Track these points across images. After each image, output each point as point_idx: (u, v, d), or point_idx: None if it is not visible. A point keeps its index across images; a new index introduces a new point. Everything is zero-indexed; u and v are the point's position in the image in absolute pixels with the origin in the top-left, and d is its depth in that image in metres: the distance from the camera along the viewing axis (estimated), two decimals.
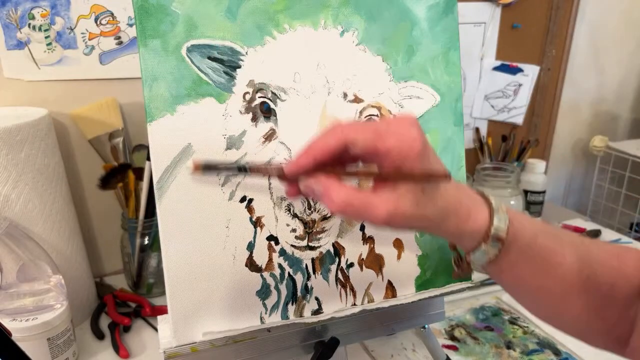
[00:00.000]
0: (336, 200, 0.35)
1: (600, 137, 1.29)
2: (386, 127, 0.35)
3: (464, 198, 0.40)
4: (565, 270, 0.41)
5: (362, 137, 0.35)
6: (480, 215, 0.40)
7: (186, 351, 0.48)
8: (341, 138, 0.35)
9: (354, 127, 0.35)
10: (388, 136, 0.34)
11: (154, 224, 0.80)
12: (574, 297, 0.41)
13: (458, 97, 0.56)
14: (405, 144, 0.35)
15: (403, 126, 0.35)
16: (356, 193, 0.35)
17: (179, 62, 0.45)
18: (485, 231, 0.39)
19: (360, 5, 0.51)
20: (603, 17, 1.24)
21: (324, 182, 0.36)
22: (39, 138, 0.67)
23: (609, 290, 0.41)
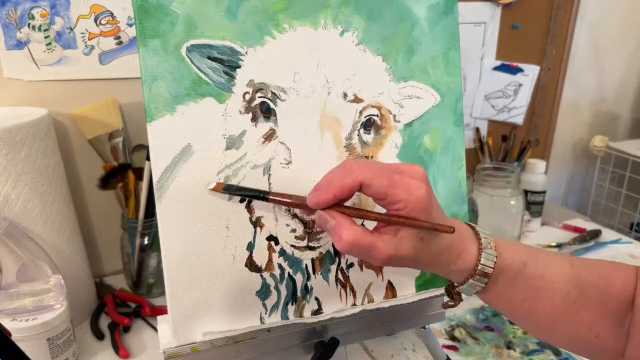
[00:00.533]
0: (345, 239, 0.38)
1: (600, 137, 1.29)
2: (400, 177, 0.38)
3: (457, 239, 0.43)
4: (554, 294, 0.44)
5: (377, 182, 0.38)
6: (469, 254, 0.43)
7: (186, 351, 0.47)
8: (358, 180, 0.38)
9: (371, 170, 0.38)
10: (400, 187, 0.38)
11: (153, 224, 0.80)
12: (564, 319, 0.44)
13: (458, 97, 0.56)
14: (413, 198, 0.38)
15: (414, 180, 0.39)
16: (363, 235, 0.39)
17: (179, 62, 0.45)
18: (473, 268, 0.43)
19: (360, 5, 0.51)
20: (603, 17, 1.24)
21: (338, 220, 0.39)
22: (38, 138, 0.67)
23: (599, 310, 0.43)
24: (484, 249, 0.43)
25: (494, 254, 0.43)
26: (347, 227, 0.39)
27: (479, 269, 0.42)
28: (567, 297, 0.43)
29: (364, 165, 0.39)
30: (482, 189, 0.90)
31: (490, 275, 0.43)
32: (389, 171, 0.39)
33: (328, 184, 0.39)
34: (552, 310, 0.44)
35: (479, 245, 0.43)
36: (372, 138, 0.53)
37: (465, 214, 0.58)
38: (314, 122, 0.50)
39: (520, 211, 0.89)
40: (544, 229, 1.12)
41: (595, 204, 1.35)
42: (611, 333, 0.43)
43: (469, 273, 0.43)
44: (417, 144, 0.55)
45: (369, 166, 0.39)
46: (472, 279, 0.43)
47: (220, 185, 0.45)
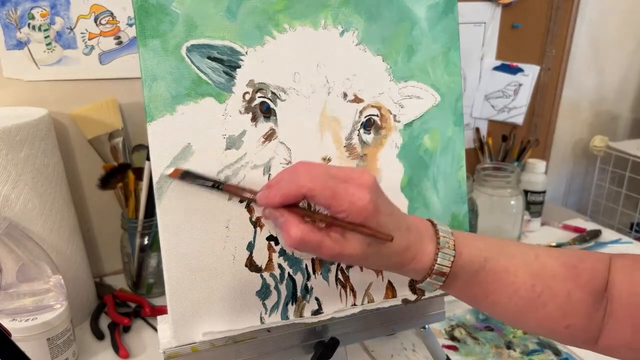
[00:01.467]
0: (293, 236, 0.39)
1: (600, 137, 1.29)
2: (344, 188, 0.39)
3: (413, 240, 0.43)
4: (517, 287, 0.44)
5: (320, 194, 0.39)
6: (425, 254, 0.43)
7: (186, 351, 0.47)
8: (301, 191, 0.39)
9: (315, 181, 0.39)
10: (343, 199, 0.39)
11: (153, 224, 0.80)
12: (531, 310, 0.44)
13: (458, 97, 0.56)
14: (355, 209, 0.39)
15: (359, 190, 0.39)
16: (310, 233, 0.39)
17: (179, 62, 0.45)
18: (430, 268, 0.43)
19: (360, 5, 0.51)
20: (603, 17, 1.24)
21: (286, 218, 0.40)
22: (38, 138, 0.67)
23: (566, 300, 0.43)
24: (441, 248, 0.43)
25: (451, 253, 0.43)
26: (296, 224, 0.40)
27: (435, 268, 0.43)
28: (532, 290, 0.44)
29: (309, 175, 0.39)
30: (482, 189, 0.90)
31: (448, 274, 0.43)
32: (334, 181, 0.39)
33: (276, 189, 0.40)
34: (517, 302, 0.44)
35: (437, 244, 0.43)
36: (372, 138, 0.53)
37: (465, 214, 0.58)
38: (314, 122, 0.50)
39: (520, 211, 0.89)
40: (544, 229, 1.12)
41: (595, 204, 1.35)
42: (582, 323, 0.43)
43: (427, 272, 0.44)
44: (417, 144, 0.55)
45: (313, 177, 0.39)
46: (429, 278, 0.44)
47: (178, 171, 0.44)
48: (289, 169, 0.42)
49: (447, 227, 0.45)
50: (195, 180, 0.45)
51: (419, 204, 0.55)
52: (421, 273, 0.44)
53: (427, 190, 0.56)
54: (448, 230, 0.45)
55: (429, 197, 0.56)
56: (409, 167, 0.55)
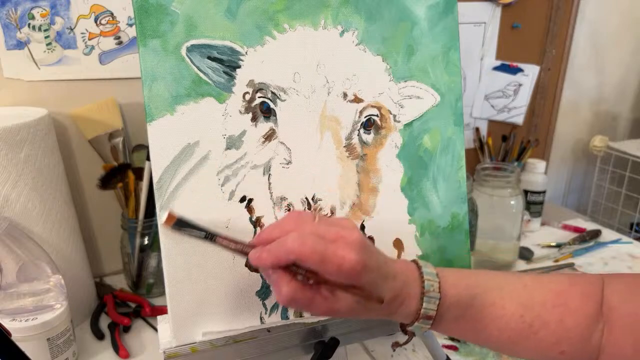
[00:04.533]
0: (284, 295, 0.40)
1: (600, 137, 1.29)
2: (333, 252, 0.39)
3: (399, 288, 0.43)
4: (507, 320, 0.44)
5: (308, 259, 0.39)
6: (412, 299, 0.44)
7: (186, 351, 0.47)
8: (290, 258, 0.39)
9: (303, 248, 0.39)
10: (331, 263, 0.39)
11: (153, 224, 0.80)
12: (523, 340, 0.44)
13: (458, 97, 0.56)
14: (344, 272, 0.39)
15: (347, 252, 0.39)
16: (300, 291, 0.40)
17: (179, 62, 0.45)
18: (416, 312, 0.44)
19: (360, 5, 0.51)
20: (603, 17, 1.24)
21: (278, 274, 0.40)
22: (39, 138, 0.67)
23: (558, 327, 0.43)
24: (426, 292, 0.43)
25: (436, 296, 0.44)
26: (287, 282, 0.40)
27: (422, 313, 0.43)
28: (521, 320, 0.44)
29: (297, 239, 0.39)
30: (482, 189, 0.90)
31: (435, 317, 0.44)
32: (323, 243, 0.39)
33: (267, 253, 0.40)
34: (508, 334, 0.44)
35: (422, 289, 0.44)
36: (372, 138, 0.53)
37: (465, 214, 0.58)
38: (314, 122, 0.50)
39: (520, 211, 0.89)
40: (543, 229, 1.12)
41: (595, 204, 1.36)
42: (578, 348, 0.43)
43: (414, 317, 0.44)
44: (417, 144, 0.55)
45: (302, 241, 0.39)
46: (417, 322, 0.44)
47: (172, 219, 0.42)
48: (281, 224, 0.42)
49: (432, 268, 0.46)
50: (189, 229, 0.43)
51: (418, 204, 0.55)
52: (409, 318, 0.45)
53: (427, 190, 0.56)
54: (433, 271, 0.45)
55: (429, 197, 0.56)
56: (409, 167, 0.55)
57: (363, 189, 0.53)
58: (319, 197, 0.50)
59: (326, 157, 0.50)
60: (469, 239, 0.59)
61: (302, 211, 0.44)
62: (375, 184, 0.53)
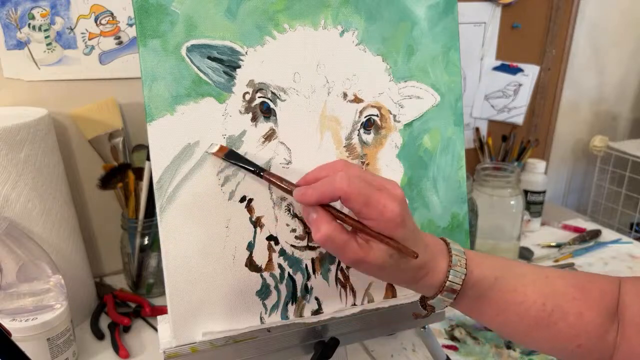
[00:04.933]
0: (322, 232, 0.40)
1: (600, 137, 1.29)
2: (378, 196, 0.40)
3: (428, 258, 0.43)
4: (528, 306, 0.44)
5: (354, 199, 0.39)
6: (438, 271, 0.44)
7: (186, 351, 0.48)
8: (337, 195, 0.40)
9: (351, 186, 0.39)
10: (374, 207, 0.40)
11: (153, 224, 0.80)
12: (541, 329, 0.44)
13: (458, 97, 0.56)
14: (384, 219, 0.40)
15: (390, 201, 0.40)
16: (338, 233, 0.40)
17: (179, 62, 0.45)
18: (441, 284, 0.44)
19: (360, 5, 0.51)
20: (603, 17, 1.24)
21: (319, 214, 0.41)
22: (39, 138, 0.67)
23: (577, 320, 0.44)
24: (453, 266, 0.44)
25: (463, 271, 0.44)
26: (327, 221, 0.40)
27: (446, 285, 0.44)
28: (542, 309, 0.44)
29: (346, 179, 0.40)
30: (482, 189, 0.90)
31: (459, 292, 0.44)
32: (369, 188, 0.40)
33: (313, 189, 0.41)
34: (527, 322, 0.45)
35: (449, 262, 0.44)
36: (372, 138, 0.53)
37: (465, 214, 0.58)
38: (314, 122, 0.50)
39: (520, 211, 0.89)
40: (543, 229, 1.12)
41: (595, 204, 1.36)
42: (594, 343, 0.44)
43: (438, 289, 0.44)
44: (417, 144, 0.55)
45: (350, 181, 0.39)
46: (440, 295, 0.44)
47: (224, 150, 0.46)
48: (329, 166, 0.43)
49: (460, 247, 0.46)
50: (238, 161, 0.46)
51: (418, 204, 0.55)
52: (432, 289, 0.45)
53: (427, 190, 0.56)
54: (461, 249, 0.46)
55: (429, 197, 0.56)
56: (409, 167, 0.55)
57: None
58: None
59: (326, 157, 0.50)
60: (469, 239, 0.59)
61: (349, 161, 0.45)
62: None
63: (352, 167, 0.42)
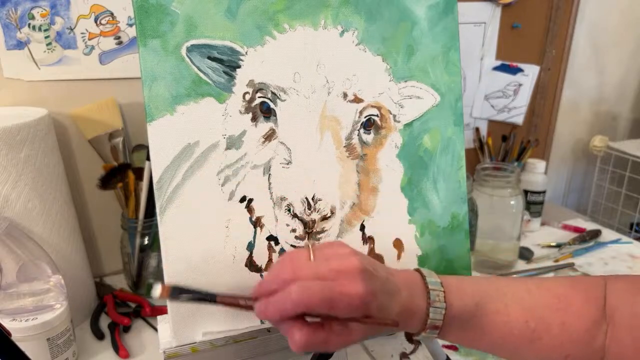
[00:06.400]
0: (297, 342, 0.39)
1: (600, 137, 1.29)
2: (339, 293, 0.38)
3: (405, 300, 0.43)
4: (511, 326, 0.44)
5: (317, 307, 0.38)
6: (418, 311, 0.44)
7: (186, 351, 0.48)
8: (299, 311, 0.38)
9: (309, 298, 0.37)
10: (338, 303, 0.38)
11: (153, 224, 0.80)
12: (527, 346, 0.44)
13: (458, 97, 0.56)
14: (353, 307, 0.38)
15: (353, 286, 0.38)
16: (313, 334, 0.39)
17: (179, 62, 0.45)
18: (423, 323, 0.44)
19: (360, 5, 0.51)
20: (603, 17, 1.24)
21: (288, 326, 0.39)
22: (39, 138, 0.67)
23: (561, 330, 0.43)
24: (432, 303, 0.43)
25: (442, 306, 0.44)
26: (298, 328, 0.39)
27: (428, 323, 0.43)
28: (525, 326, 0.44)
29: (300, 292, 0.37)
30: (482, 189, 0.90)
31: (441, 327, 0.44)
32: (327, 288, 0.38)
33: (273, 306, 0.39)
34: (512, 341, 0.45)
35: (427, 300, 0.44)
36: (372, 138, 0.53)
37: (465, 214, 0.58)
38: (314, 122, 0.50)
39: (520, 211, 0.89)
40: (543, 229, 1.12)
41: (595, 204, 1.35)
42: (582, 350, 0.43)
43: (421, 327, 0.44)
44: (417, 144, 0.55)
45: (305, 292, 0.37)
46: (424, 332, 0.44)
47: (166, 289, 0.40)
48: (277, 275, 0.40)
49: (436, 277, 0.46)
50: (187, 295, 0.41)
51: (418, 204, 0.55)
52: (416, 328, 0.45)
53: (427, 190, 0.56)
54: (437, 281, 0.45)
55: (429, 197, 0.56)
56: (409, 167, 0.55)
57: (363, 189, 0.53)
58: (319, 197, 0.50)
59: (326, 157, 0.50)
60: (469, 239, 0.59)
61: (294, 251, 0.42)
62: (376, 184, 0.53)
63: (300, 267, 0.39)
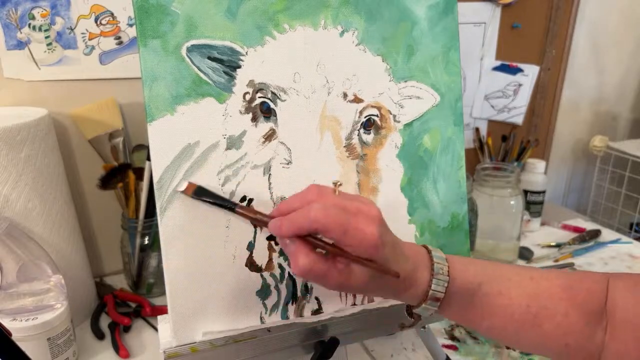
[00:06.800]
0: (301, 266, 0.40)
1: (600, 137, 1.29)
2: (355, 221, 0.40)
3: (410, 269, 0.44)
4: (513, 309, 0.45)
5: (332, 229, 0.39)
6: (421, 281, 0.44)
7: (186, 351, 0.48)
8: (313, 227, 0.39)
9: (326, 217, 0.39)
10: (351, 234, 0.39)
11: (154, 224, 0.80)
12: (527, 331, 0.45)
13: (458, 97, 0.56)
14: (364, 244, 0.40)
15: (368, 225, 0.40)
16: (318, 263, 0.40)
17: (179, 62, 0.45)
18: (424, 294, 0.44)
19: (360, 5, 0.51)
20: (603, 17, 1.24)
21: (296, 246, 0.41)
22: (39, 138, 0.67)
23: (564, 320, 0.44)
24: (435, 274, 0.44)
25: (445, 279, 0.44)
26: (305, 253, 0.40)
27: (430, 294, 0.44)
28: (527, 311, 0.44)
29: (322, 209, 0.39)
30: (482, 189, 0.90)
31: (442, 299, 0.44)
32: (346, 216, 0.39)
33: (289, 221, 0.40)
34: (512, 324, 0.45)
35: (431, 271, 0.44)
36: (372, 138, 0.53)
37: (465, 213, 0.58)
38: (314, 122, 0.50)
39: (520, 211, 0.89)
40: (543, 228, 1.12)
41: (595, 204, 1.36)
42: (582, 343, 0.44)
43: (422, 298, 0.45)
44: (417, 144, 0.55)
45: (326, 212, 0.39)
46: (424, 304, 0.45)
47: (192, 187, 0.45)
48: (302, 195, 0.42)
49: (442, 253, 0.46)
50: (208, 198, 0.45)
51: (418, 203, 0.55)
52: (417, 299, 0.45)
53: (427, 190, 0.56)
54: (442, 256, 0.46)
55: (429, 197, 0.56)
56: (409, 167, 0.55)
57: (363, 189, 0.53)
58: None
59: (326, 157, 0.50)
60: (469, 239, 0.59)
61: (322, 185, 0.44)
62: (375, 184, 0.53)
63: (325, 194, 0.42)
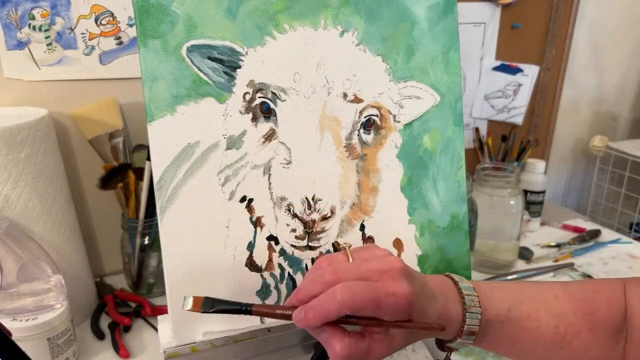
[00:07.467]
0: (338, 353, 0.38)
1: (600, 137, 1.29)
2: (384, 294, 0.37)
3: (441, 307, 0.42)
4: (542, 331, 0.44)
5: (361, 308, 0.37)
6: (455, 317, 0.43)
7: (186, 351, 0.48)
8: (343, 312, 0.36)
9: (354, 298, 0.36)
10: (385, 304, 0.37)
11: (154, 224, 0.80)
12: (557, 351, 0.44)
13: (458, 97, 0.56)
14: (399, 309, 0.38)
15: (396, 286, 0.38)
16: (356, 345, 0.38)
17: (179, 62, 0.45)
18: (459, 329, 0.43)
19: (360, 5, 0.51)
20: (603, 17, 1.24)
21: (328, 334, 0.38)
22: (39, 138, 0.67)
23: (589, 335, 0.44)
24: (467, 308, 0.42)
25: (478, 311, 0.43)
26: (339, 339, 0.38)
27: (465, 329, 0.42)
28: (556, 331, 0.44)
29: (347, 291, 0.36)
30: (482, 189, 0.90)
31: (477, 333, 0.43)
32: (372, 288, 0.37)
33: (314, 311, 0.37)
34: (543, 346, 0.44)
35: (463, 306, 0.43)
36: (372, 138, 0.53)
37: (465, 214, 0.58)
38: (314, 122, 0.50)
39: (519, 211, 0.89)
40: (543, 228, 1.12)
41: (595, 204, 1.36)
42: (607, 354, 0.44)
43: (456, 333, 0.43)
44: (417, 144, 0.55)
45: (352, 292, 0.36)
46: (459, 338, 0.43)
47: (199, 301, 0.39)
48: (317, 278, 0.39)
49: (468, 282, 0.45)
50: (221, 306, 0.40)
51: (418, 204, 0.55)
52: (451, 334, 0.44)
53: (427, 190, 0.56)
54: (469, 286, 0.44)
55: (429, 197, 0.56)
56: (409, 167, 0.55)
57: (363, 189, 0.53)
58: (319, 197, 0.50)
59: (326, 157, 0.50)
60: (469, 239, 0.59)
61: (330, 255, 0.41)
62: (375, 183, 0.53)
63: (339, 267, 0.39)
